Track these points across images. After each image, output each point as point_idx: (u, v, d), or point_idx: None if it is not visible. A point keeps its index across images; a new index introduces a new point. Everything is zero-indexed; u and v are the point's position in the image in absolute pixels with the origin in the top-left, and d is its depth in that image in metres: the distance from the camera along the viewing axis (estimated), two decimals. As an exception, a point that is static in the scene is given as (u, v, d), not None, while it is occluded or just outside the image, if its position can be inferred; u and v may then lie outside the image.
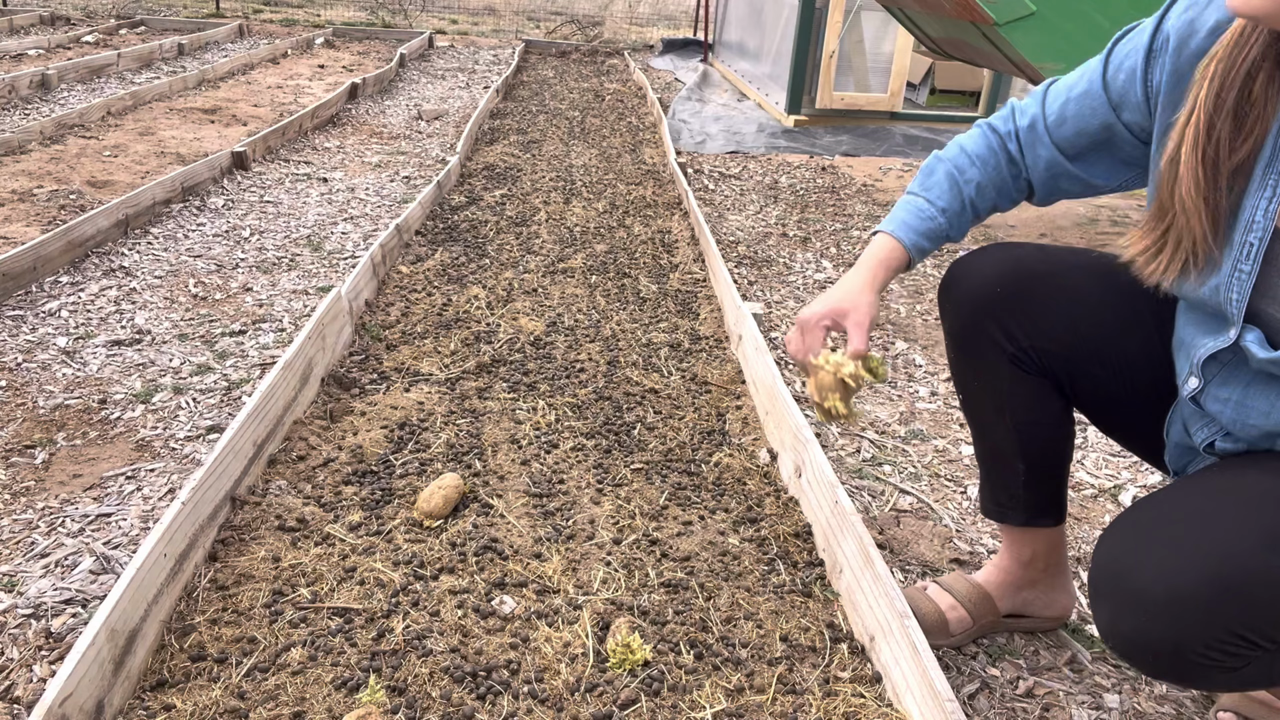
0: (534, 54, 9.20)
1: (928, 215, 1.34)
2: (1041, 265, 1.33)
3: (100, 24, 8.76)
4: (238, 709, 1.29)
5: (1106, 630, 1.05)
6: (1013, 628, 1.58)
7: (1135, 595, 1.00)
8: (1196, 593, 0.95)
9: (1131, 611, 1.00)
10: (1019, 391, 1.37)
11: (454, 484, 1.78)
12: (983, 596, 1.52)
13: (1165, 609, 0.97)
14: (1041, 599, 1.54)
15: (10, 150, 4.30)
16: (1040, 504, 1.45)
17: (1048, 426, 1.39)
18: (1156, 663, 1.01)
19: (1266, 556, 0.94)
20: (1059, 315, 1.31)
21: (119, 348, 2.50)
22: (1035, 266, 1.33)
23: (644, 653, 1.39)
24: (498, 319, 2.71)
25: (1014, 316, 1.32)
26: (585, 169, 4.59)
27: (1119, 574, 1.02)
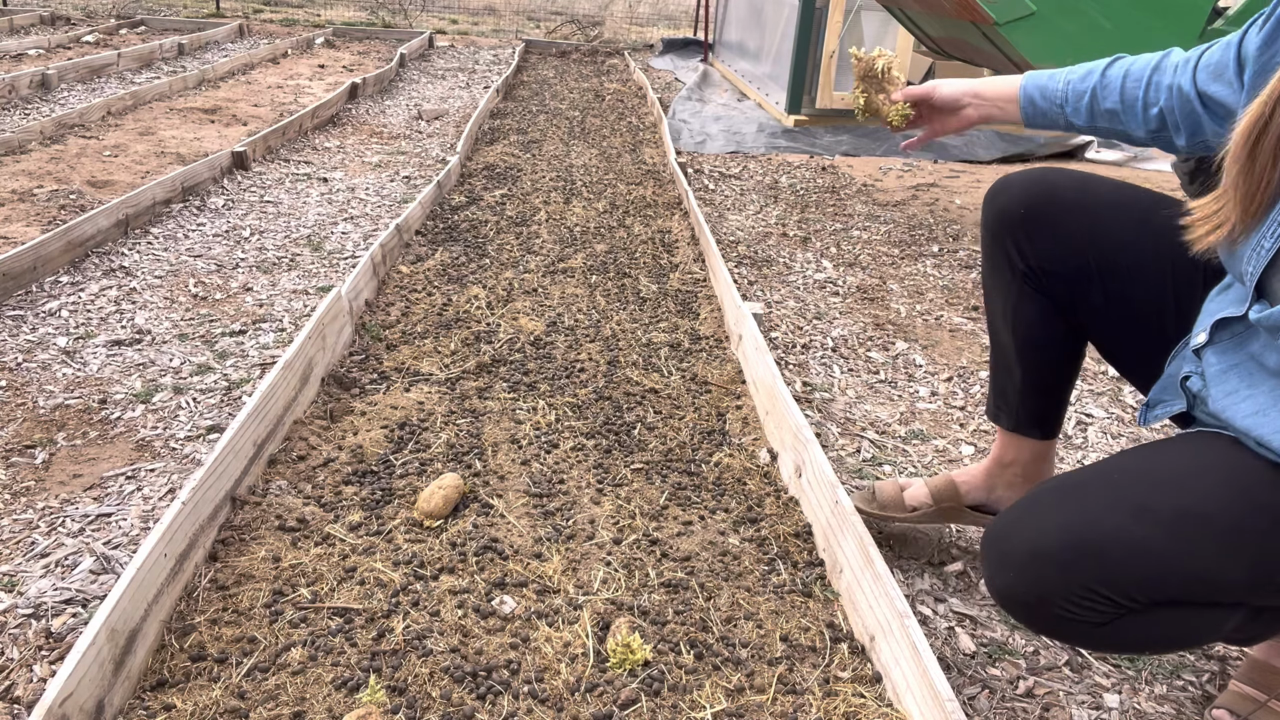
0: (534, 54, 9.20)
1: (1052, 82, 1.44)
2: (1072, 194, 1.39)
3: (100, 24, 8.76)
4: (238, 709, 1.29)
5: (987, 586, 1.17)
6: (981, 522, 1.73)
7: (1004, 555, 1.13)
8: (1052, 552, 1.07)
9: (1001, 569, 1.13)
10: (1023, 307, 1.49)
11: (454, 484, 1.78)
12: (947, 484, 1.71)
13: (1027, 566, 1.09)
14: (1011, 498, 1.66)
15: (10, 150, 4.30)
16: (1030, 415, 1.59)
17: (1047, 343, 1.51)
18: (1028, 614, 1.12)
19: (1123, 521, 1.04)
20: (1071, 243, 1.38)
21: (119, 348, 2.50)
22: (1064, 194, 1.39)
23: (644, 653, 1.39)
24: (498, 319, 2.71)
25: (1029, 237, 1.43)
26: (585, 169, 4.59)
27: (997, 538, 1.15)
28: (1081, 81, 1.41)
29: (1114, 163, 5.52)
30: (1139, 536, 1.03)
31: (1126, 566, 1.04)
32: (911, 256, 3.56)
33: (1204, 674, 1.51)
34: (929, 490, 1.75)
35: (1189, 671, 1.52)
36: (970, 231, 3.90)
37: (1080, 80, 1.41)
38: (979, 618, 1.61)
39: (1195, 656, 1.55)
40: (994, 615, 1.62)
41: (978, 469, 1.73)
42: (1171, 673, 1.51)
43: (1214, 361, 1.17)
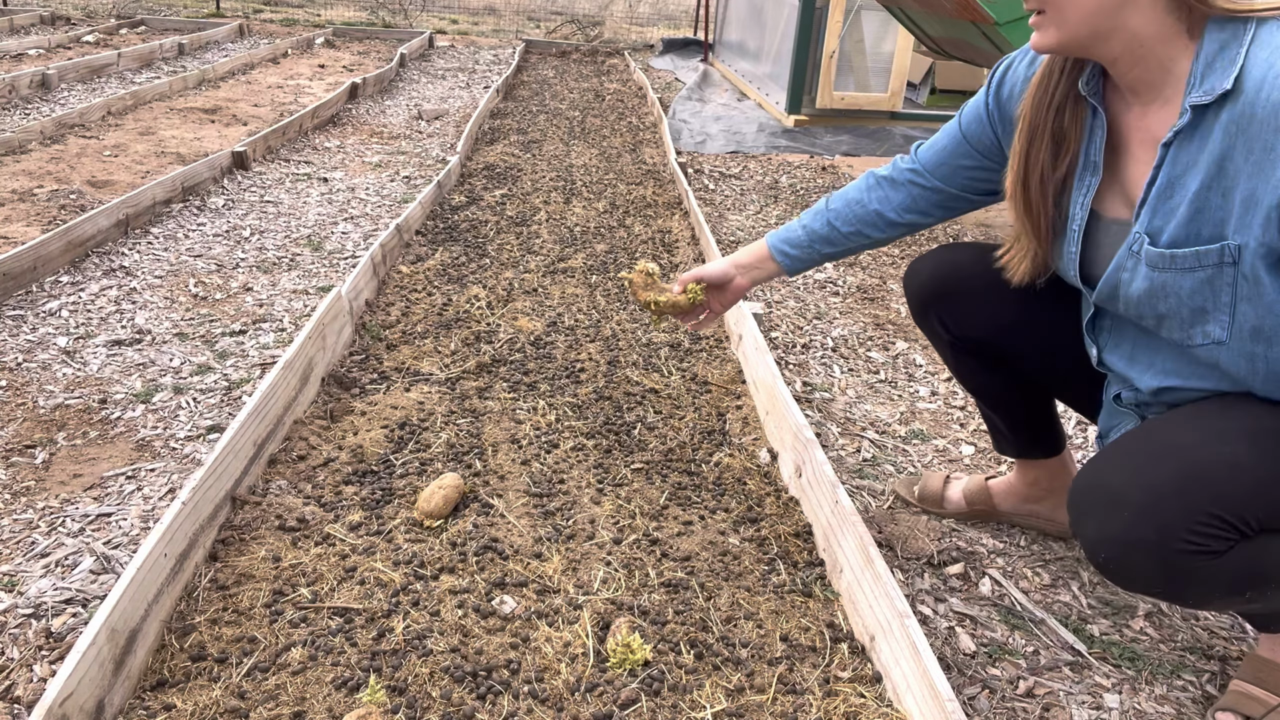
0: (534, 54, 9.20)
1: (792, 229, 1.67)
2: (971, 266, 1.57)
3: (100, 24, 8.76)
4: (238, 709, 1.29)
5: (1095, 540, 1.18)
6: (1020, 522, 1.86)
7: (1116, 499, 1.16)
8: (1168, 483, 1.13)
9: (1117, 514, 1.15)
10: (964, 366, 1.67)
11: (454, 484, 1.78)
12: (981, 488, 1.85)
13: (1146, 503, 1.13)
14: (1047, 511, 1.82)
15: (10, 150, 4.30)
16: (1026, 443, 1.74)
17: (1000, 391, 1.68)
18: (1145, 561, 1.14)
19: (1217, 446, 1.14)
20: (982, 310, 1.56)
21: (119, 347, 2.50)
22: (967, 267, 1.57)
23: (644, 652, 1.39)
24: (498, 319, 2.71)
25: (946, 312, 1.61)
26: (585, 169, 4.59)
27: (1097, 487, 1.20)
28: (814, 220, 1.64)
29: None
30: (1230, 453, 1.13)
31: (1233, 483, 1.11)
32: (911, 256, 3.56)
33: (1204, 674, 1.51)
34: (963, 492, 1.88)
35: (1189, 671, 1.52)
36: (971, 231, 3.90)
37: (814, 219, 1.64)
38: (979, 618, 1.61)
39: (1195, 656, 1.55)
40: (994, 615, 1.62)
41: (1006, 483, 1.85)
42: (1171, 673, 1.51)
43: (1117, 356, 1.37)
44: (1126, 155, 1.25)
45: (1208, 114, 1.09)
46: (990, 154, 1.47)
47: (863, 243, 1.62)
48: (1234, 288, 1.13)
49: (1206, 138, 1.10)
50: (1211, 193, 1.11)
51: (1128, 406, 1.39)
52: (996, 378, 1.65)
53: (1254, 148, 1.05)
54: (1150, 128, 1.20)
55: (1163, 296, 1.19)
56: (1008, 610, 1.64)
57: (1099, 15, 1.11)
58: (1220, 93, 1.07)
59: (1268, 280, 1.10)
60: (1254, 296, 1.12)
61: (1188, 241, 1.14)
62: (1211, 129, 1.09)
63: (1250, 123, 1.05)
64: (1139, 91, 1.19)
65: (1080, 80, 1.25)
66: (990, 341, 1.58)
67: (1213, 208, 1.11)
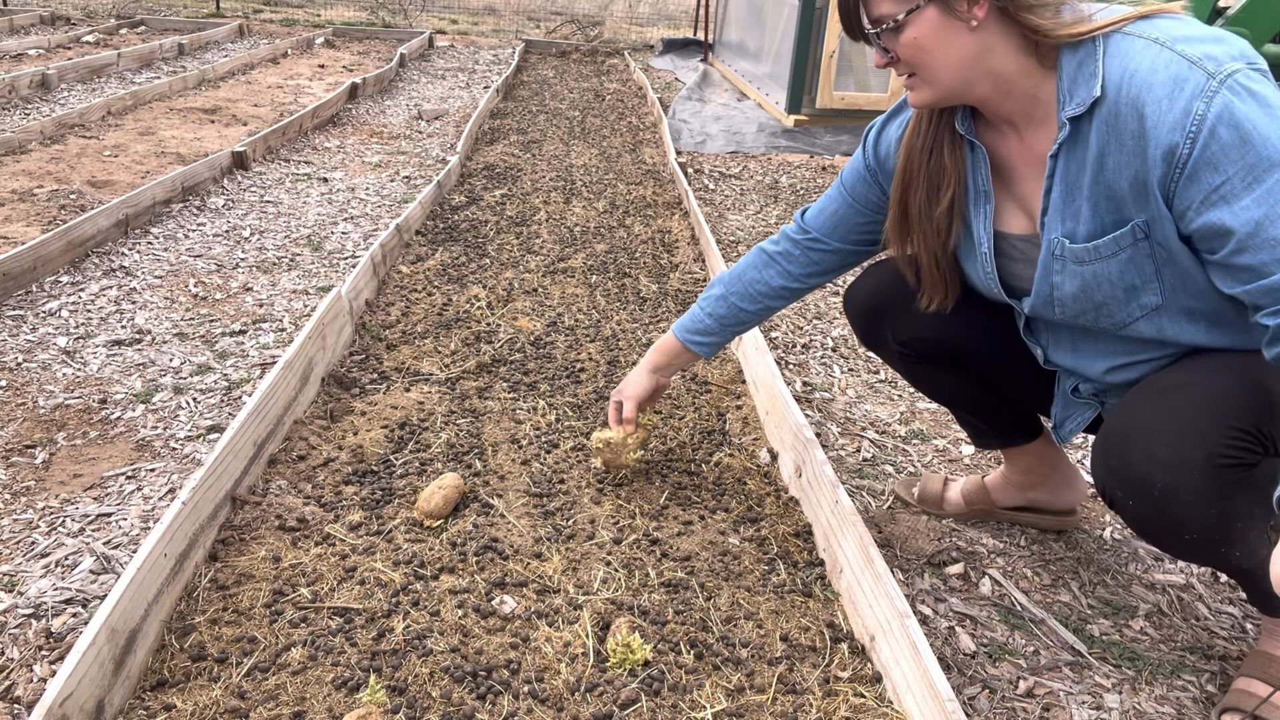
0: (534, 54, 9.20)
1: (698, 319, 1.77)
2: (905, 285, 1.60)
3: (100, 24, 8.76)
4: (238, 709, 1.29)
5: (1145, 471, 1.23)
6: (1022, 520, 1.87)
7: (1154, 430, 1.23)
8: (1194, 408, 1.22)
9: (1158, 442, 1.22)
10: (923, 375, 1.72)
11: (454, 484, 1.78)
12: (979, 487, 1.87)
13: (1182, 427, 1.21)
14: (1046, 496, 1.82)
15: (10, 150, 4.30)
16: (1006, 430, 1.75)
17: (965, 389, 1.70)
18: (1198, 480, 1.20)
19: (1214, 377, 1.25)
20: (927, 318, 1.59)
21: (119, 347, 2.50)
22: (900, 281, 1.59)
23: (644, 652, 1.39)
24: (498, 319, 2.71)
25: (892, 320, 1.65)
26: (585, 169, 4.59)
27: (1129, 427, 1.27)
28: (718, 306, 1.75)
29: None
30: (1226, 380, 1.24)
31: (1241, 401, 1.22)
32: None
33: (1204, 674, 1.51)
34: (961, 492, 1.89)
35: (1189, 671, 1.52)
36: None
37: (717, 305, 1.75)
38: (979, 618, 1.61)
39: (1195, 656, 1.55)
40: (994, 615, 1.62)
41: (1000, 477, 1.86)
42: (1171, 673, 1.51)
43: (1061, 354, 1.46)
44: (1015, 177, 1.37)
45: (1083, 122, 1.22)
46: (879, 208, 1.57)
47: (771, 312, 1.75)
48: (1153, 258, 1.25)
49: (1086, 142, 1.23)
50: (1100, 186, 1.24)
51: (1086, 397, 1.47)
52: (950, 377, 1.69)
53: (1124, 139, 1.18)
54: (1032, 148, 1.32)
55: (1096, 286, 1.30)
56: (1008, 610, 1.64)
57: (964, 68, 1.25)
58: (1091, 100, 1.20)
59: (1177, 245, 1.22)
60: (1170, 261, 1.24)
61: (1101, 232, 1.26)
62: (1089, 134, 1.22)
63: (1117, 119, 1.18)
64: (1014, 121, 1.32)
65: (956, 121, 1.37)
66: (941, 340, 1.62)
67: (1107, 198, 1.24)
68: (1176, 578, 1.75)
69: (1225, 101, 1.10)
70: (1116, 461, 1.28)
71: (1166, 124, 1.13)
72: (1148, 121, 1.14)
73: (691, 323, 1.77)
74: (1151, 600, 1.69)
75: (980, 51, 1.24)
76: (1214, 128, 1.10)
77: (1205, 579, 1.76)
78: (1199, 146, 1.11)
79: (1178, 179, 1.15)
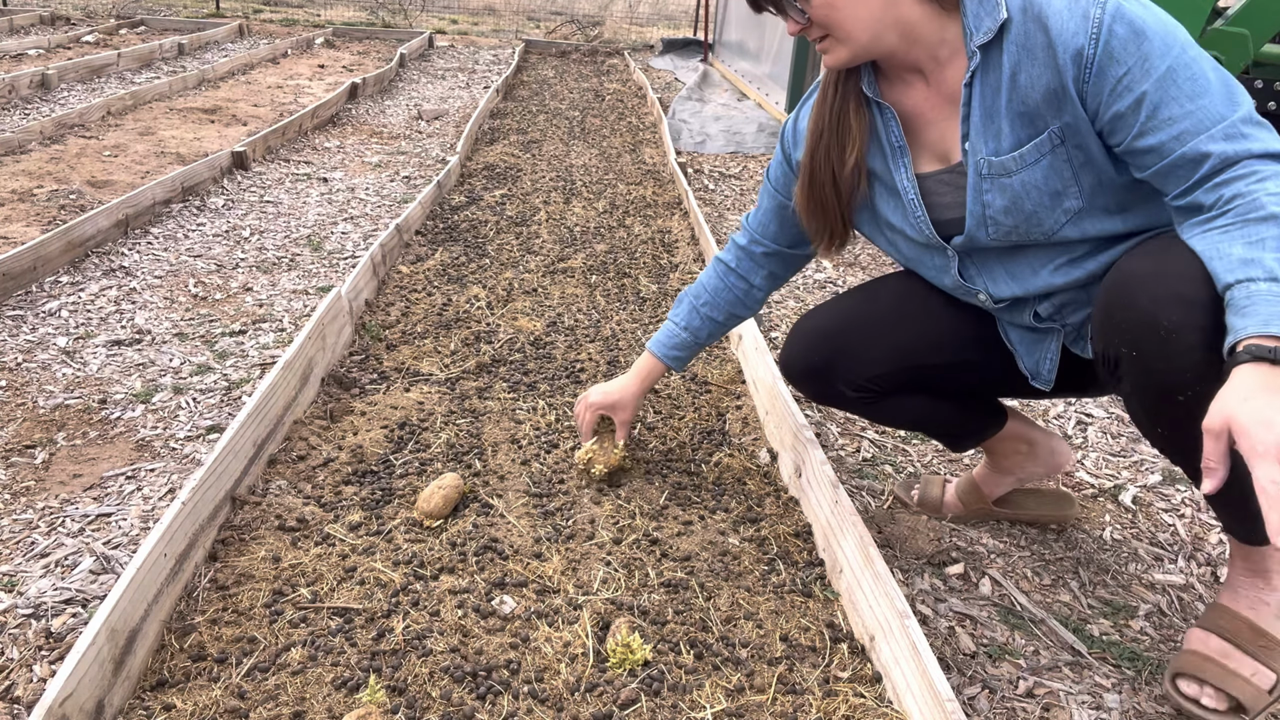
0: (534, 54, 9.20)
1: (674, 334, 1.82)
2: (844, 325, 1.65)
3: (100, 24, 8.76)
4: (238, 709, 1.29)
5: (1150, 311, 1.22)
6: (1024, 518, 1.88)
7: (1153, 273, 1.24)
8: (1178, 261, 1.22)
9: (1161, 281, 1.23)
10: (881, 410, 1.69)
11: (454, 484, 1.78)
12: (970, 484, 1.86)
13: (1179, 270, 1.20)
14: (1036, 468, 1.80)
15: (10, 150, 4.30)
16: (976, 430, 1.75)
17: (924, 411, 1.70)
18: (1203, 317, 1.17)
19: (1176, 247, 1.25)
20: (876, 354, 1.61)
21: (119, 348, 2.50)
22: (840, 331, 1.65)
23: (644, 652, 1.39)
24: (498, 319, 2.71)
25: (836, 374, 1.64)
26: (585, 169, 4.59)
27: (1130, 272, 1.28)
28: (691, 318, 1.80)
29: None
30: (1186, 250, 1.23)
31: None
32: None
33: (1204, 674, 1.52)
34: (956, 493, 1.89)
35: (1189, 671, 1.52)
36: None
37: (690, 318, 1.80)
38: (979, 618, 1.61)
39: (1195, 656, 1.55)
40: (994, 615, 1.62)
41: (983, 467, 1.85)
42: (1171, 673, 1.51)
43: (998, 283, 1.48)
44: (924, 124, 1.44)
45: (992, 48, 1.31)
46: None
47: (738, 320, 1.82)
48: (1070, 162, 1.32)
49: (998, 65, 1.31)
50: (1015, 101, 1.31)
51: (1046, 320, 1.48)
52: (914, 405, 1.68)
53: (1035, 52, 1.27)
54: (940, 89, 1.40)
55: (1025, 195, 1.35)
56: (1008, 610, 1.64)
57: (874, 21, 1.32)
58: (999, 25, 1.29)
59: (1094, 145, 1.29)
60: (1087, 163, 1.31)
61: (1023, 143, 1.33)
62: (1000, 58, 1.31)
63: (1026, 36, 1.27)
64: (921, 67, 1.39)
65: (862, 85, 1.44)
66: (895, 370, 1.61)
67: (1023, 112, 1.31)
68: (1176, 578, 1.75)
69: (1116, 3, 1.22)
70: (1120, 311, 1.26)
71: (1069, 30, 1.23)
72: (1053, 32, 1.24)
73: (668, 339, 1.83)
74: (1151, 600, 1.69)
75: (887, 3, 1.31)
76: (1111, 25, 1.21)
77: (1205, 579, 1.76)
78: (1100, 45, 1.22)
79: (1088, 78, 1.24)
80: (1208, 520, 1.94)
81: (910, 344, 1.60)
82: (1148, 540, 1.87)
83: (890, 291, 1.66)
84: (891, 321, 1.62)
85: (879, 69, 1.44)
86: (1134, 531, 1.90)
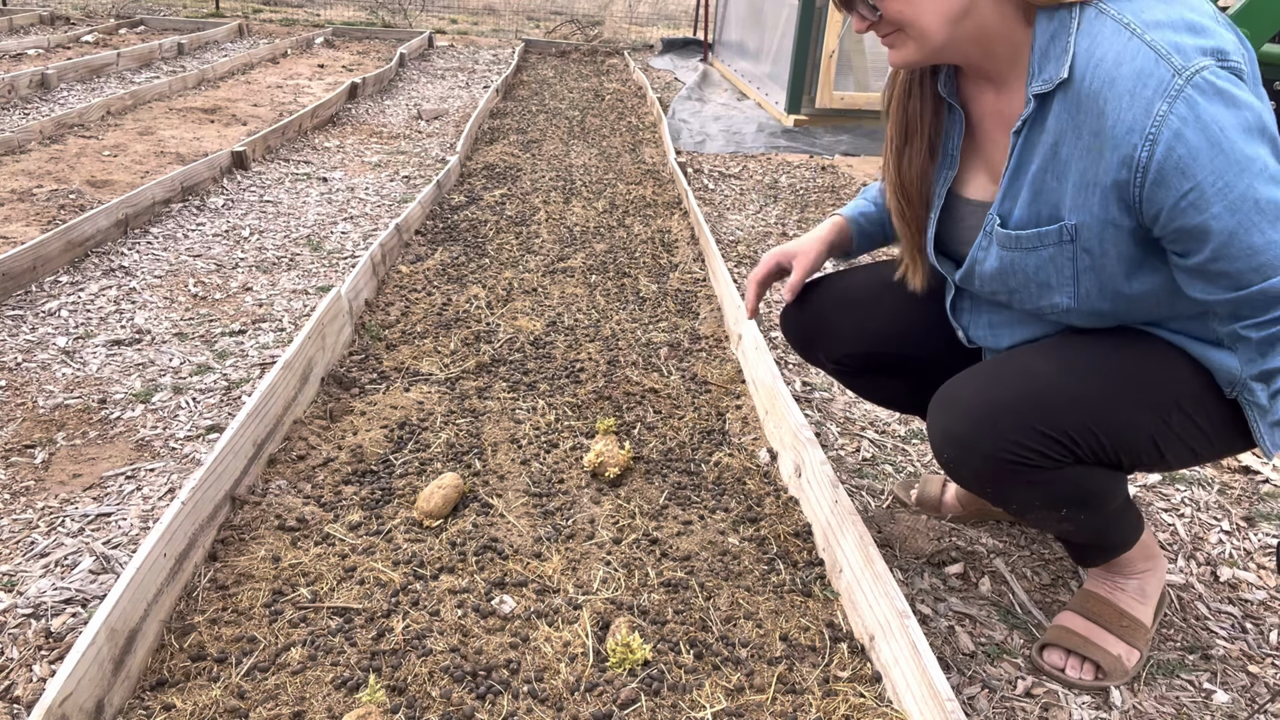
0: (534, 54, 9.20)
1: (865, 205, 1.67)
2: (831, 301, 1.67)
3: (100, 24, 8.76)
4: (238, 709, 1.29)
5: (940, 438, 1.33)
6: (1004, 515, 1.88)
7: (963, 408, 1.31)
8: (1009, 402, 1.27)
9: (961, 419, 1.30)
10: (856, 385, 1.74)
11: (454, 484, 1.78)
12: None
13: (986, 413, 1.28)
14: None
15: (10, 150, 4.30)
16: None
17: (898, 395, 1.72)
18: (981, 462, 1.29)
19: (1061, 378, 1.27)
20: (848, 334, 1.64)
21: (119, 347, 2.50)
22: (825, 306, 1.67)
23: (644, 652, 1.39)
24: (497, 319, 2.71)
25: (819, 344, 1.69)
26: (585, 168, 4.59)
27: (951, 401, 1.33)
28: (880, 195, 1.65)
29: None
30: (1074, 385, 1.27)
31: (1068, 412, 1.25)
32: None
33: (1204, 674, 1.52)
34: (955, 493, 1.89)
35: (1189, 671, 1.52)
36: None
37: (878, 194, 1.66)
38: (979, 617, 1.61)
39: (1195, 657, 1.55)
40: (994, 615, 1.62)
41: None
42: (1171, 673, 1.51)
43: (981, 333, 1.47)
44: (987, 140, 1.33)
45: (1047, 102, 1.18)
46: None
47: None
48: (1074, 262, 1.23)
49: (1045, 124, 1.19)
50: (1048, 175, 1.21)
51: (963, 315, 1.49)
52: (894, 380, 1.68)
53: (1082, 133, 1.14)
54: (1003, 112, 1.28)
55: (1011, 274, 1.30)
56: (1007, 610, 1.64)
57: (950, 21, 1.19)
58: (1058, 81, 1.15)
59: (1113, 253, 1.20)
60: (1092, 268, 1.22)
61: (1030, 223, 1.25)
62: (1048, 116, 1.18)
63: (1078, 110, 1.14)
64: (993, 79, 1.27)
65: (938, 84, 1.34)
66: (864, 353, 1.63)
67: (1049, 190, 1.21)
68: (1176, 578, 1.75)
69: (1189, 101, 1.05)
70: (929, 423, 1.37)
71: (1125, 124, 1.08)
72: (1108, 120, 1.10)
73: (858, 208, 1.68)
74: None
75: (967, 3, 1.18)
76: (1179, 130, 1.05)
77: (1205, 579, 1.76)
78: (1160, 149, 1.06)
79: (1142, 184, 1.10)
80: (1208, 520, 1.94)
81: (879, 330, 1.61)
82: (1147, 540, 1.87)
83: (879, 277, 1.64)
84: (867, 305, 1.62)
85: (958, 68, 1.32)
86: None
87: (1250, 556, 1.84)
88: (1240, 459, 2.15)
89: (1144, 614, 1.51)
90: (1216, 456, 1.35)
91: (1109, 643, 1.48)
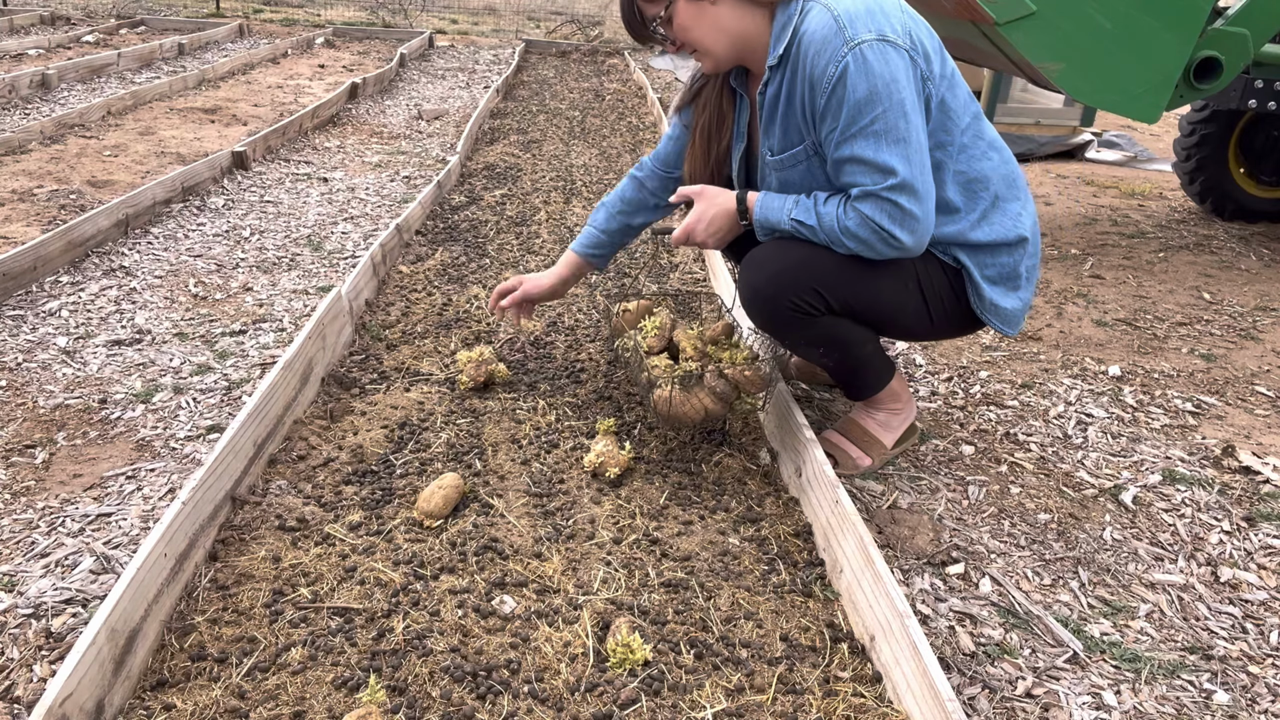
0: (534, 54, 9.20)
1: (592, 236, 2.22)
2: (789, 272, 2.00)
3: (100, 24, 8.76)
4: (238, 709, 1.29)
5: (746, 289, 1.81)
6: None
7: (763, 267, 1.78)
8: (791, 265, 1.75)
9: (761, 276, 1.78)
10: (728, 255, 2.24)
11: (454, 484, 1.78)
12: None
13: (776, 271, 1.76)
14: None
15: (10, 150, 4.30)
16: None
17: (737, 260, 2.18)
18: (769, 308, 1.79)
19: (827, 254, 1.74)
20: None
21: (119, 347, 2.50)
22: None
23: (644, 652, 1.39)
24: (498, 319, 2.71)
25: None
26: (585, 169, 4.59)
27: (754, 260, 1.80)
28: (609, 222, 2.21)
29: (1114, 162, 5.52)
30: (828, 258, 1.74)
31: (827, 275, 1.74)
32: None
33: (1204, 674, 1.52)
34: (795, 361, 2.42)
35: (1189, 671, 1.52)
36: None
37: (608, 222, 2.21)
38: (979, 617, 1.61)
39: (1195, 657, 1.55)
40: (994, 615, 1.62)
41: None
42: (1171, 673, 1.51)
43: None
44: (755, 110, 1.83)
45: (778, 68, 1.70)
46: None
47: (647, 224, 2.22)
48: (823, 166, 1.73)
49: (780, 82, 1.71)
50: (789, 115, 1.72)
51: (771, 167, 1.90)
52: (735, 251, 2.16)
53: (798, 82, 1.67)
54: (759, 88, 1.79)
55: (788, 185, 1.80)
56: (1007, 610, 1.64)
57: (721, 35, 1.71)
58: (780, 53, 1.67)
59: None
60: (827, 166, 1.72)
61: (788, 148, 1.76)
62: (782, 76, 1.70)
63: (796, 67, 1.66)
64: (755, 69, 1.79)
65: (730, 78, 1.88)
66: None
67: (792, 125, 1.73)
68: (1176, 578, 1.75)
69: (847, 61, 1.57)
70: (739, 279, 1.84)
71: (815, 73, 1.61)
72: (810, 71, 1.62)
73: (589, 240, 2.21)
74: (1151, 600, 1.69)
75: (725, 21, 1.70)
76: (836, 82, 1.59)
77: (1205, 579, 1.76)
78: (827, 95, 1.61)
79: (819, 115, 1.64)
80: (1208, 520, 1.94)
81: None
82: (1148, 540, 1.87)
83: None
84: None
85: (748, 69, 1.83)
86: (1134, 531, 1.90)
87: (1251, 557, 1.84)
88: (1240, 459, 2.15)
89: (886, 438, 2.03)
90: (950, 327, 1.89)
91: (849, 449, 2.01)
